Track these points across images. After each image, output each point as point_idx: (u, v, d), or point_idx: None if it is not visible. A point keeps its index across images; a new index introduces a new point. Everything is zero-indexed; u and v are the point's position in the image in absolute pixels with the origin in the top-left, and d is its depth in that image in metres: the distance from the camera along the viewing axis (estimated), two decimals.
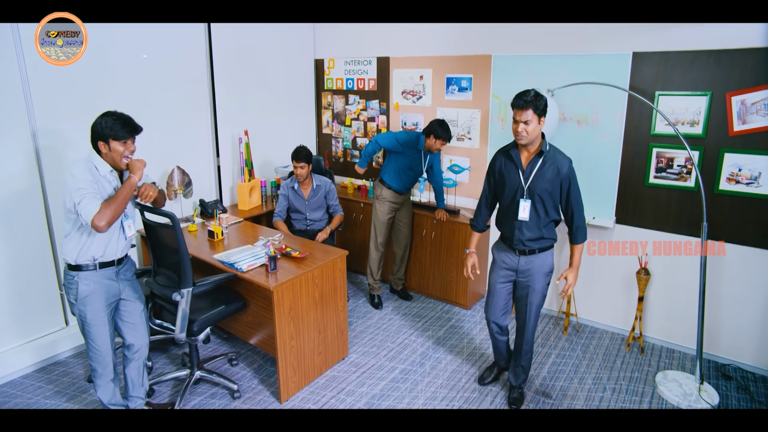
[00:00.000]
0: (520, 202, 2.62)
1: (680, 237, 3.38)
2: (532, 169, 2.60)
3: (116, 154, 2.38)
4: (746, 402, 3.04)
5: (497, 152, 2.77)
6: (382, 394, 3.08)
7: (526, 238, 2.68)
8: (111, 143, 2.35)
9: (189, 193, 4.00)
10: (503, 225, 2.79)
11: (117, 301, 2.57)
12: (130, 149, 2.42)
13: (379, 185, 4.08)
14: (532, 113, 2.48)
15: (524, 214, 2.63)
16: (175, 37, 3.82)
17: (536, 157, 2.60)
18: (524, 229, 2.67)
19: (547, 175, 2.57)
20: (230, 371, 3.31)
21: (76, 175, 2.31)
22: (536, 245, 2.70)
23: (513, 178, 2.65)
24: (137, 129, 2.42)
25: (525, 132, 2.52)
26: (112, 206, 2.30)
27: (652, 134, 3.37)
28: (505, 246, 2.81)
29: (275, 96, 4.78)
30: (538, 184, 2.58)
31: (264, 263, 3.04)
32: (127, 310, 2.61)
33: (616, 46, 3.37)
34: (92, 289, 2.44)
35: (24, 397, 3.03)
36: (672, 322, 3.55)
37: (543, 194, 2.59)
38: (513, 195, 2.66)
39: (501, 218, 2.82)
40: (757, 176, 3.06)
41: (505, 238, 2.82)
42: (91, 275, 2.44)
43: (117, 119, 2.35)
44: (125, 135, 2.36)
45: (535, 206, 2.62)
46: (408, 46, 4.43)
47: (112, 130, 2.33)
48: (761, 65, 2.94)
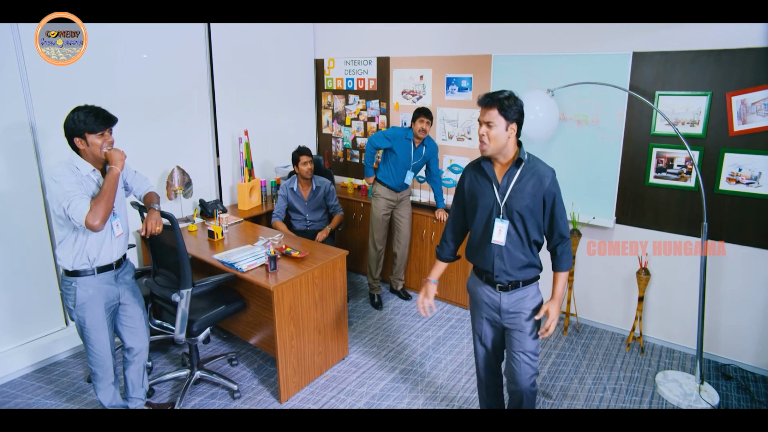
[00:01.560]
0: (495, 222, 2.16)
1: (680, 237, 3.38)
2: (508, 183, 2.14)
3: (95, 147, 2.31)
4: (746, 402, 3.04)
5: (466, 167, 2.32)
6: (382, 394, 3.08)
7: (509, 267, 2.18)
8: (88, 137, 2.29)
9: (189, 193, 4.00)
10: (477, 254, 2.27)
11: (116, 305, 2.55)
12: (108, 141, 2.35)
13: (375, 183, 4.13)
14: (496, 114, 2.04)
15: (499, 237, 2.15)
16: (175, 37, 3.82)
17: (513, 167, 2.15)
18: (505, 256, 2.18)
19: (527, 189, 2.12)
20: (230, 371, 3.31)
21: (58, 179, 2.26)
22: (521, 275, 2.21)
23: (486, 195, 2.18)
24: (112, 119, 2.36)
25: (486, 137, 2.07)
26: (102, 202, 2.25)
27: (652, 134, 3.37)
28: (480, 280, 2.31)
29: (275, 96, 4.78)
30: (517, 200, 2.12)
31: (264, 263, 3.04)
32: (127, 314, 2.59)
33: (616, 45, 3.37)
34: (90, 295, 2.41)
35: (24, 397, 3.03)
36: (672, 322, 3.55)
37: (523, 212, 2.13)
38: (488, 215, 2.18)
39: (474, 247, 2.29)
40: (757, 176, 3.06)
41: (480, 272, 2.30)
42: (89, 281, 2.41)
43: (89, 112, 2.28)
44: (100, 126, 2.29)
45: (515, 227, 2.16)
46: (408, 46, 4.43)
47: (86, 123, 2.27)
48: (761, 65, 2.94)
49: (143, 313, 2.67)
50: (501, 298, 2.24)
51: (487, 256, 2.21)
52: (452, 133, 4.33)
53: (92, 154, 2.34)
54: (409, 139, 3.94)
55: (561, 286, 2.26)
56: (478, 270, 2.33)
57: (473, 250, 2.30)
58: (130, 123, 3.58)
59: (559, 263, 2.26)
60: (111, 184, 2.31)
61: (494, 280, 2.23)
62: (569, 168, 3.67)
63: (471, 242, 2.31)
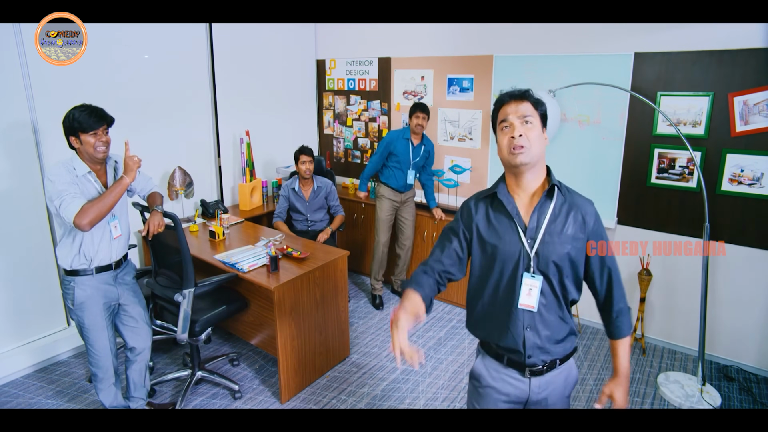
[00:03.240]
0: (524, 279, 1.53)
1: (682, 238, 3.37)
2: (539, 222, 1.53)
3: (88, 146, 2.28)
4: (748, 403, 3.03)
5: (471, 199, 1.66)
6: (383, 395, 3.07)
7: (545, 342, 1.56)
8: (81, 136, 2.27)
9: (190, 193, 4.00)
10: (494, 326, 1.61)
11: (116, 306, 2.55)
12: (102, 140, 2.31)
13: (379, 184, 4.14)
14: (532, 109, 1.52)
15: (530, 300, 1.53)
16: (176, 37, 3.83)
17: (544, 199, 1.54)
18: (539, 326, 1.55)
19: (569, 230, 1.52)
20: (231, 371, 3.31)
21: (53, 178, 2.25)
22: (560, 350, 1.60)
23: (507, 240, 1.55)
24: (106, 118, 2.32)
25: (526, 140, 1.47)
26: (98, 205, 2.24)
27: (653, 135, 3.36)
28: (500, 363, 1.64)
29: (276, 96, 4.78)
30: (554, 247, 1.51)
31: (265, 263, 3.04)
32: (128, 314, 2.59)
33: (618, 46, 3.36)
34: (89, 295, 2.41)
35: (25, 397, 3.03)
36: (674, 323, 3.54)
37: (562, 262, 1.52)
38: (512, 270, 1.55)
39: (487, 315, 1.63)
40: (759, 177, 3.05)
41: (498, 351, 1.64)
42: (87, 280, 2.41)
43: (84, 110, 2.27)
44: (93, 125, 2.26)
45: (551, 284, 1.54)
46: (409, 46, 4.43)
47: (79, 122, 2.25)
48: (763, 65, 2.93)
49: (144, 312, 2.67)
50: (530, 385, 1.61)
51: (512, 327, 1.56)
52: (453, 134, 4.33)
53: (87, 153, 2.32)
54: (406, 138, 3.94)
55: (626, 358, 1.62)
56: (492, 348, 1.66)
57: (485, 319, 1.65)
58: (131, 123, 3.59)
59: (619, 326, 1.63)
60: (116, 194, 2.30)
61: (525, 362, 1.58)
62: (571, 168, 3.67)
63: (481, 309, 1.66)
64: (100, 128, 2.30)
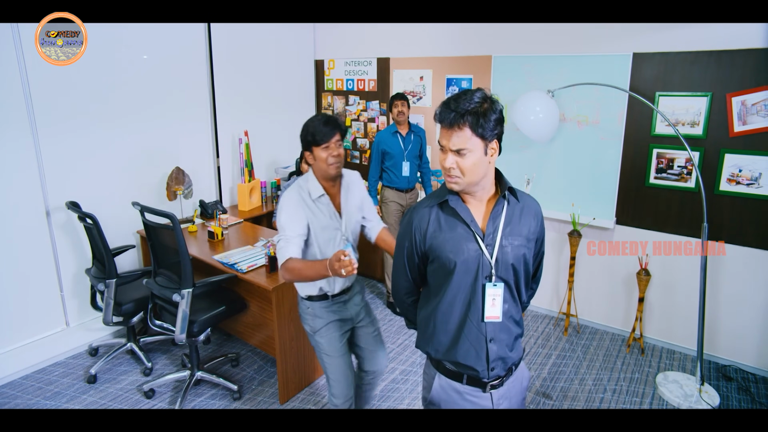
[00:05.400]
0: (487, 289, 1.45)
1: (680, 237, 3.38)
2: (495, 228, 1.46)
3: (321, 161, 2.02)
4: (747, 403, 3.03)
5: (418, 206, 1.54)
6: (382, 395, 3.07)
7: (505, 350, 1.50)
8: (314, 151, 2.02)
9: (189, 193, 3.99)
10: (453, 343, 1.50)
11: (351, 328, 2.33)
12: (335, 154, 2.02)
13: (382, 190, 4.12)
14: (469, 135, 1.37)
15: (494, 311, 1.46)
16: (175, 37, 3.82)
17: (499, 204, 1.48)
18: (501, 336, 1.48)
19: (523, 231, 1.49)
20: (230, 372, 3.30)
21: (282, 203, 2.03)
22: (516, 354, 1.55)
23: (463, 249, 1.44)
24: (340, 127, 2.05)
25: (458, 171, 1.40)
26: (297, 274, 1.93)
27: (652, 135, 3.36)
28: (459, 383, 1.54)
29: (275, 96, 4.78)
30: (512, 250, 1.46)
31: (264, 264, 3.04)
32: (362, 335, 2.37)
33: (617, 46, 3.37)
34: (325, 320, 2.19)
35: (24, 398, 3.03)
36: (672, 322, 3.55)
37: (519, 264, 1.47)
38: (472, 279, 1.45)
39: (444, 332, 1.52)
40: (757, 177, 3.06)
41: (456, 370, 1.54)
42: (317, 306, 2.18)
43: (319, 119, 2.03)
44: (325, 136, 1.99)
45: (510, 289, 1.49)
46: (408, 46, 4.43)
47: (312, 134, 2.00)
48: (761, 66, 2.94)
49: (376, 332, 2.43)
50: (492, 399, 1.53)
51: (475, 343, 1.47)
52: None
53: (319, 170, 2.06)
54: (394, 132, 3.94)
55: None
56: (447, 368, 1.54)
57: (441, 336, 1.52)
58: (130, 124, 3.59)
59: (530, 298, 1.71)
60: (315, 275, 1.91)
61: (488, 377, 1.50)
62: (569, 169, 3.67)
63: (436, 325, 1.52)
64: (333, 139, 2.03)
